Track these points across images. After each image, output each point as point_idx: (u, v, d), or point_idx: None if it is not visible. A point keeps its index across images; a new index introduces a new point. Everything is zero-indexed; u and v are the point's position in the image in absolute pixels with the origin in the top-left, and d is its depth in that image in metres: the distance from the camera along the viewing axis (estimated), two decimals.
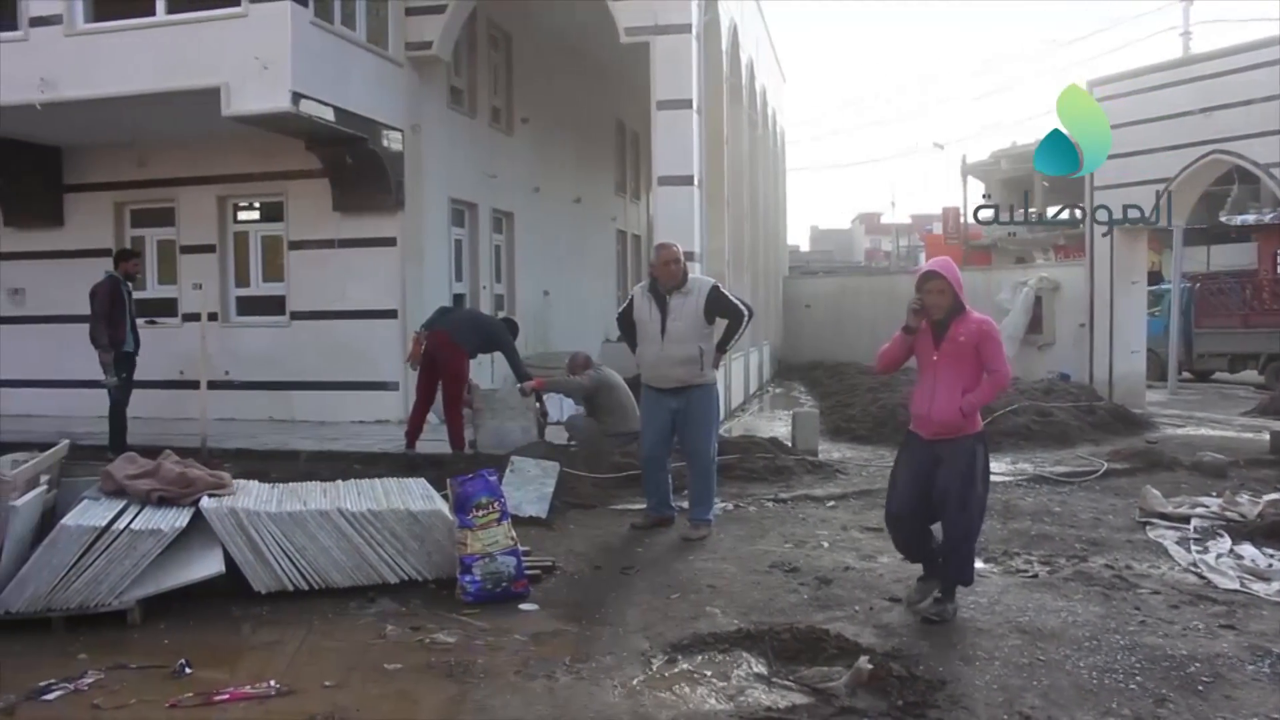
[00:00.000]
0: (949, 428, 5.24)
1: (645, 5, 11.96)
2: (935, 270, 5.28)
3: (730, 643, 4.94)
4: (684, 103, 12.01)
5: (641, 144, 23.62)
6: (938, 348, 5.28)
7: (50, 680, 4.53)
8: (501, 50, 16.40)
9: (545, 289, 17.82)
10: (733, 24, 15.55)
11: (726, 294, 7.52)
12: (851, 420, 13.12)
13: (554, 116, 18.33)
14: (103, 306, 10.42)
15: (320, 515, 5.85)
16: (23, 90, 11.36)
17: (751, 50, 18.40)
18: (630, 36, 12.08)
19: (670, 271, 7.37)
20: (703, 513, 7.43)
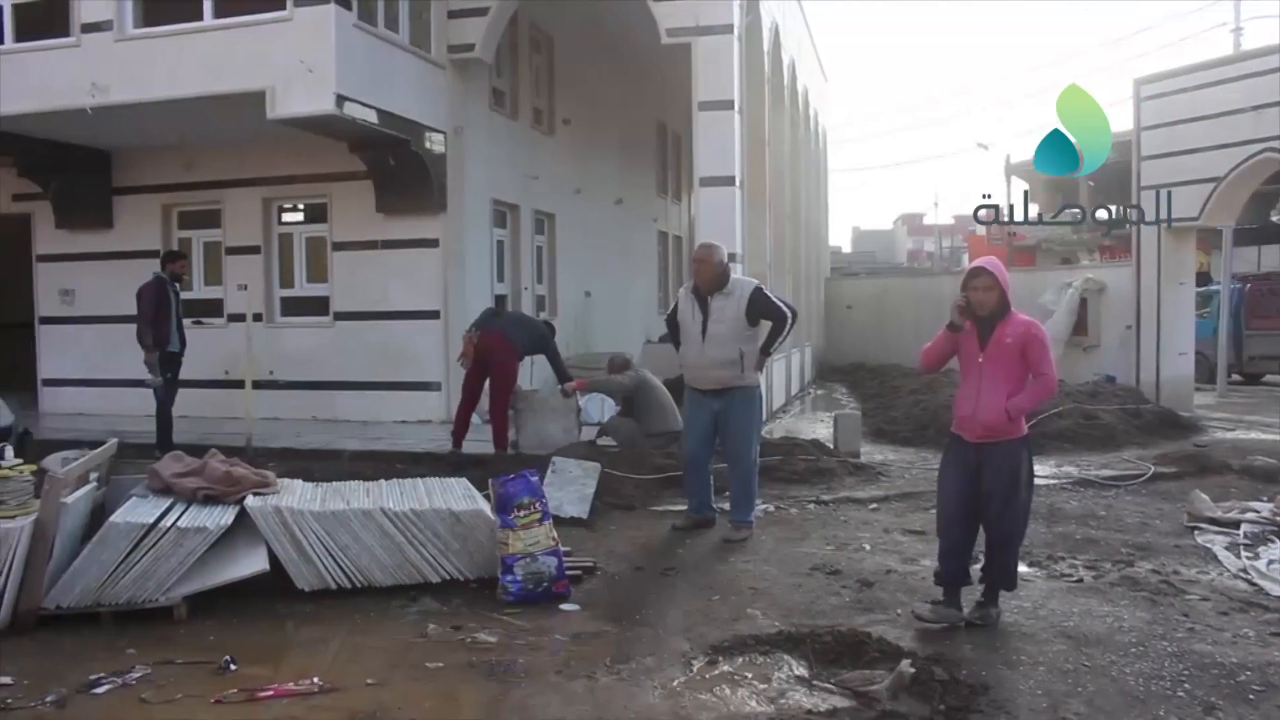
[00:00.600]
0: (994, 431, 5.16)
1: (687, 6, 11.95)
2: (983, 267, 5.21)
3: (771, 645, 4.92)
4: (725, 104, 11.98)
5: (683, 145, 23.64)
6: (983, 349, 5.19)
7: (100, 674, 4.61)
8: (543, 52, 16.44)
9: (586, 290, 17.84)
10: (774, 24, 15.50)
11: (769, 296, 7.45)
12: (894, 422, 13.04)
13: (595, 118, 18.37)
14: (149, 307, 10.50)
15: (363, 514, 5.89)
16: (74, 95, 11.55)
17: (793, 51, 18.33)
18: (672, 37, 12.07)
19: (704, 272, 7.35)
20: (743, 515, 7.40)
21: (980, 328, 5.21)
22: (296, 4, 10.90)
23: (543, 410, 10.21)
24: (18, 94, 11.86)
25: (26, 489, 5.59)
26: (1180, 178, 15.06)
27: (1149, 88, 15.99)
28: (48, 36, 12.06)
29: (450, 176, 13.00)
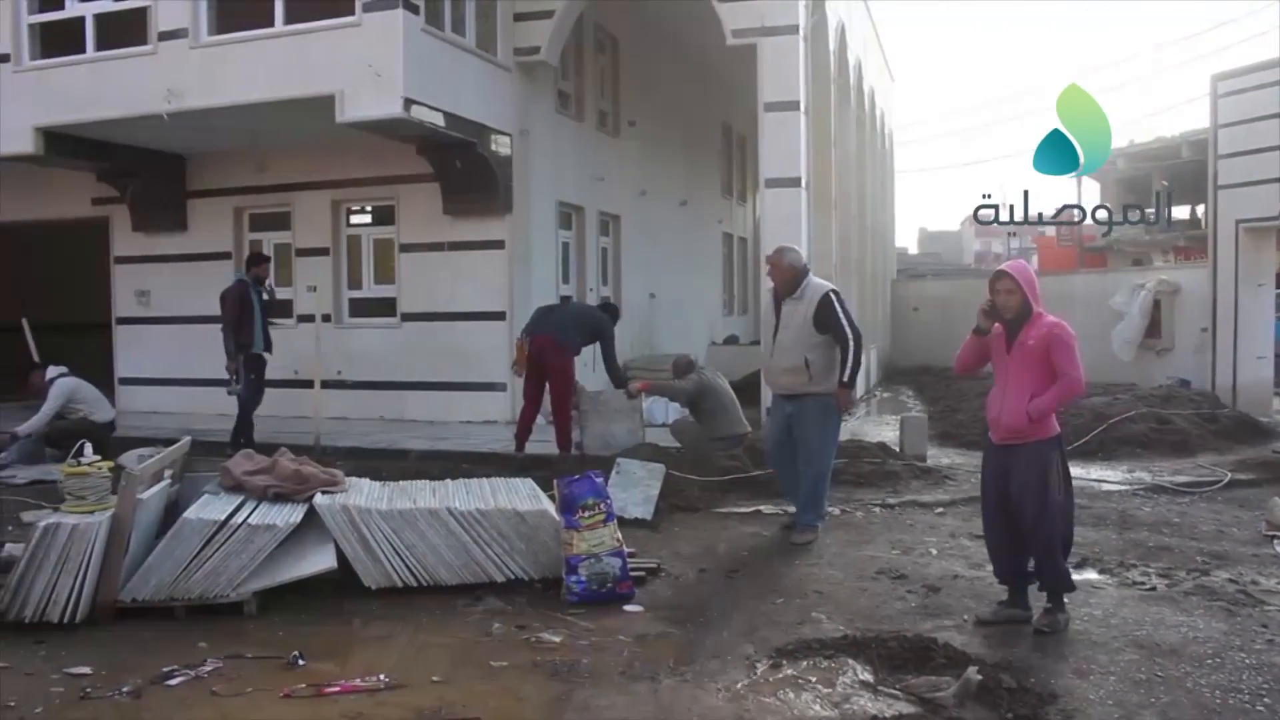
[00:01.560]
0: (1017, 432, 5.18)
1: (752, 7, 11.91)
2: (1005, 270, 5.26)
3: (836, 649, 4.88)
4: (791, 104, 11.92)
5: (748, 146, 23.58)
6: (1009, 351, 5.24)
7: (173, 666, 4.70)
8: (608, 54, 16.49)
9: (651, 291, 17.85)
10: (840, 24, 15.40)
11: (836, 307, 7.18)
12: (960, 426, 12.86)
13: (660, 119, 18.37)
14: (231, 311, 10.60)
15: (429, 514, 5.94)
16: (151, 101, 11.82)
17: (859, 50, 18.20)
18: (737, 38, 12.03)
19: (775, 276, 7.36)
20: (808, 519, 7.36)
21: (1007, 330, 5.26)
22: (365, 9, 11.04)
23: (607, 411, 10.22)
24: (98, 101, 12.18)
25: (105, 485, 5.72)
26: (1259, 176, 14.70)
27: (1226, 84, 15.62)
28: (126, 45, 12.35)
29: (516, 178, 13.08)
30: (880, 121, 23.45)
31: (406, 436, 11.19)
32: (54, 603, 5.27)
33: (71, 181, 14.60)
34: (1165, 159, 32.77)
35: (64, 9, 12.70)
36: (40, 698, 4.42)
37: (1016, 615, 5.29)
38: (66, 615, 5.27)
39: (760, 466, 9.07)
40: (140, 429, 11.98)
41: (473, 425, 12.51)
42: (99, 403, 11.15)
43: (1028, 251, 47.81)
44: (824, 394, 7.24)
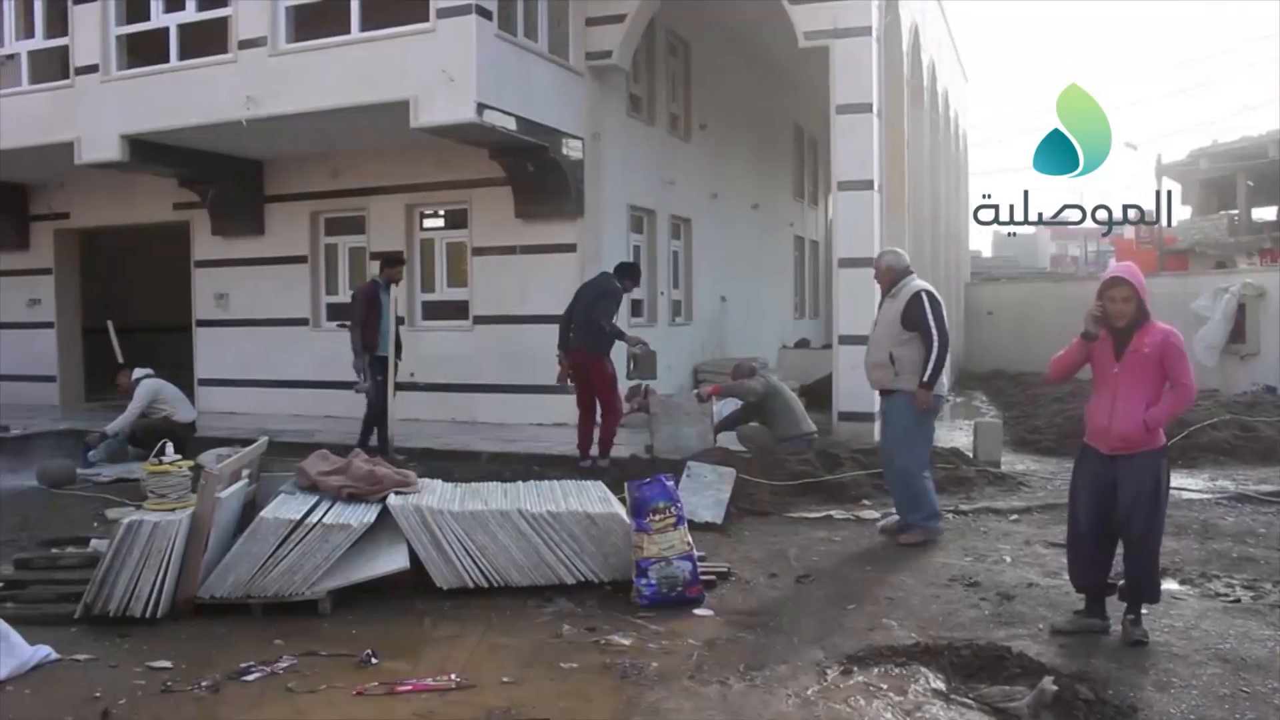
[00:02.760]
0: (1130, 442, 4.99)
1: (824, 8, 11.81)
2: (1121, 276, 5.02)
3: (907, 656, 4.81)
4: (864, 106, 11.80)
5: (820, 148, 23.41)
6: (1119, 359, 5.03)
7: (250, 662, 4.79)
8: (680, 57, 16.48)
9: (722, 295, 17.82)
10: (914, 25, 15.23)
11: (924, 306, 7.26)
12: (1036, 431, 12.63)
13: (731, 122, 18.33)
14: (360, 312, 10.62)
15: (501, 515, 5.98)
16: (231, 109, 12.07)
17: (933, 51, 17.99)
18: (809, 40, 11.95)
19: (876, 276, 7.68)
20: (911, 518, 7.37)
21: (1116, 337, 5.05)
22: (439, 15, 11.15)
23: (677, 415, 10.22)
24: (181, 109, 12.48)
25: (185, 484, 5.84)
26: None
27: None
28: (208, 54, 12.63)
29: (588, 182, 13.13)
30: (954, 123, 23.16)
31: (477, 438, 11.27)
32: (136, 598, 5.40)
33: (154, 187, 14.96)
34: (1251, 158, 32.00)
35: (149, 20, 13.02)
36: (124, 690, 4.53)
37: (1095, 625, 5.17)
38: (148, 610, 5.39)
39: (831, 471, 9.02)
40: (218, 429, 12.21)
41: (543, 428, 12.57)
42: (181, 403, 11.41)
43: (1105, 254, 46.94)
44: (910, 391, 7.27)
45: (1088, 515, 5.18)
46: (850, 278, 11.75)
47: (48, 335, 16.97)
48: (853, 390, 11.47)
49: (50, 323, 16.98)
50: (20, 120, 13.76)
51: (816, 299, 24.90)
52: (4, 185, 16.50)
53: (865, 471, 9.07)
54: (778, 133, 22.11)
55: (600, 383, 9.80)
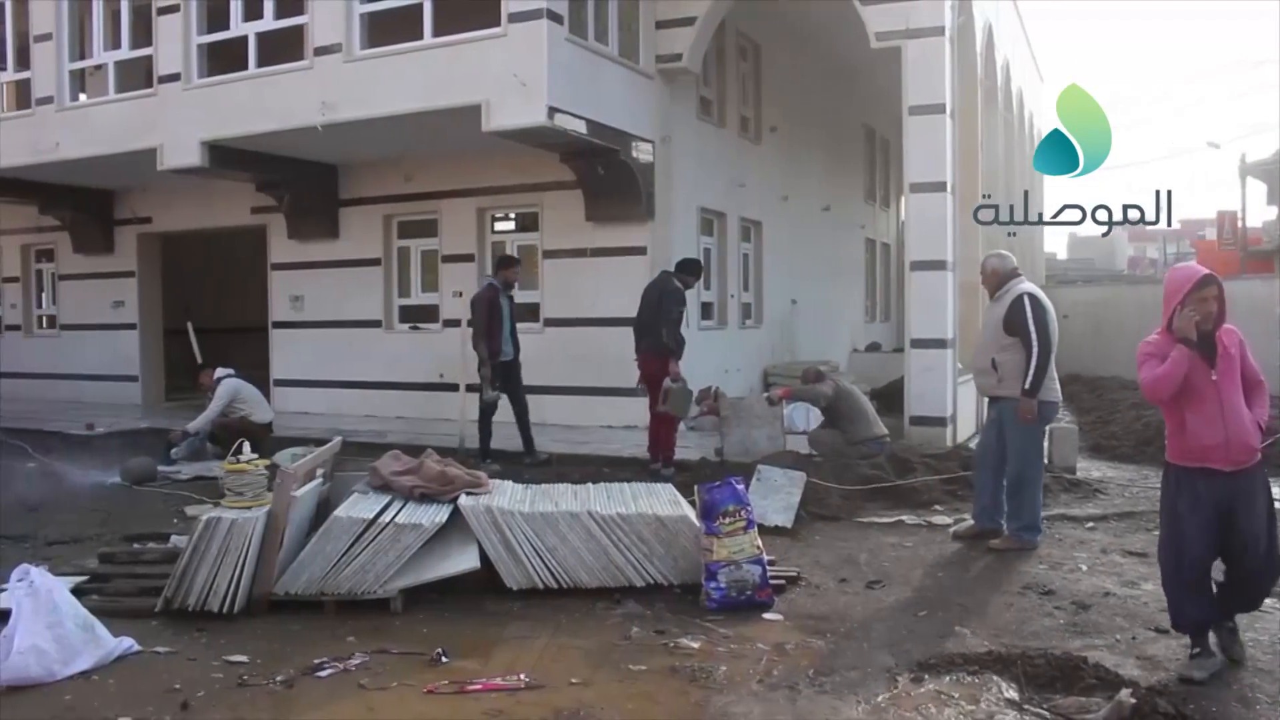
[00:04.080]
0: (1250, 453, 4.59)
1: (897, 9, 11.69)
2: (1213, 275, 4.67)
3: (980, 665, 4.74)
4: (937, 107, 11.65)
5: (892, 150, 23.20)
6: (1213, 365, 4.63)
7: (323, 659, 4.86)
8: (750, 60, 16.43)
9: (793, 298, 17.72)
10: (987, 24, 15.02)
11: (1025, 310, 7.08)
12: (1113, 437, 12.40)
13: (802, 124, 18.22)
14: (482, 318, 10.34)
15: (571, 517, 6.00)
16: (307, 114, 12.26)
17: (1007, 50, 17.72)
18: (881, 41, 11.83)
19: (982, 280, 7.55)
20: (1012, 526, 7.22)
21: (1202, 342, 4.64)
22: (511, 19, 11.23)
23: (748, 418, 10.18)
24: (258, 115, 12.72)
25: (261, 482, 5.95)
26: None
27: None
28: (285, 61, 12.86)
29: (658, 185, 13.12)
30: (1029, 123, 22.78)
31: (547, 440, 11.30)
32: (214, 593, 5.51)
33: (233, 192, 15.27)
34: None
35: (229, 29, 13.30)
36: (202, 682, 4.63)
37: (1220, 663, 4.69)
38: (225, 605, 5.49)
39: (902, 475, 8.93)
40: (293, 429, 12.40)
41: (613, 430, 12.59)
42: (259, 403, 11.62)
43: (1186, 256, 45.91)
44: (1019, 397, 7.10)
45: (1206, 545, 4.67)
46: (922, 281, 11.63)
47: (130, 336, 17.41)
48: (924, 394, 11.36)
49: (133, 324, 17.42)
50: (106, 128, 14.18)
51: (888, 302, 24.66)
52: (90, 191, 16.99)
53: (937, 476, 8.97)
54: (849, 134, 21.94)
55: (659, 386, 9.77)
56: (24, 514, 8.51)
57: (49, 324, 18.99)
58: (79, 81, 15.36)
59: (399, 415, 13.96)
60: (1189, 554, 4.70)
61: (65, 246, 17.99)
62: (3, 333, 19.29)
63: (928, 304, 11.57)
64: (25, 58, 15.36)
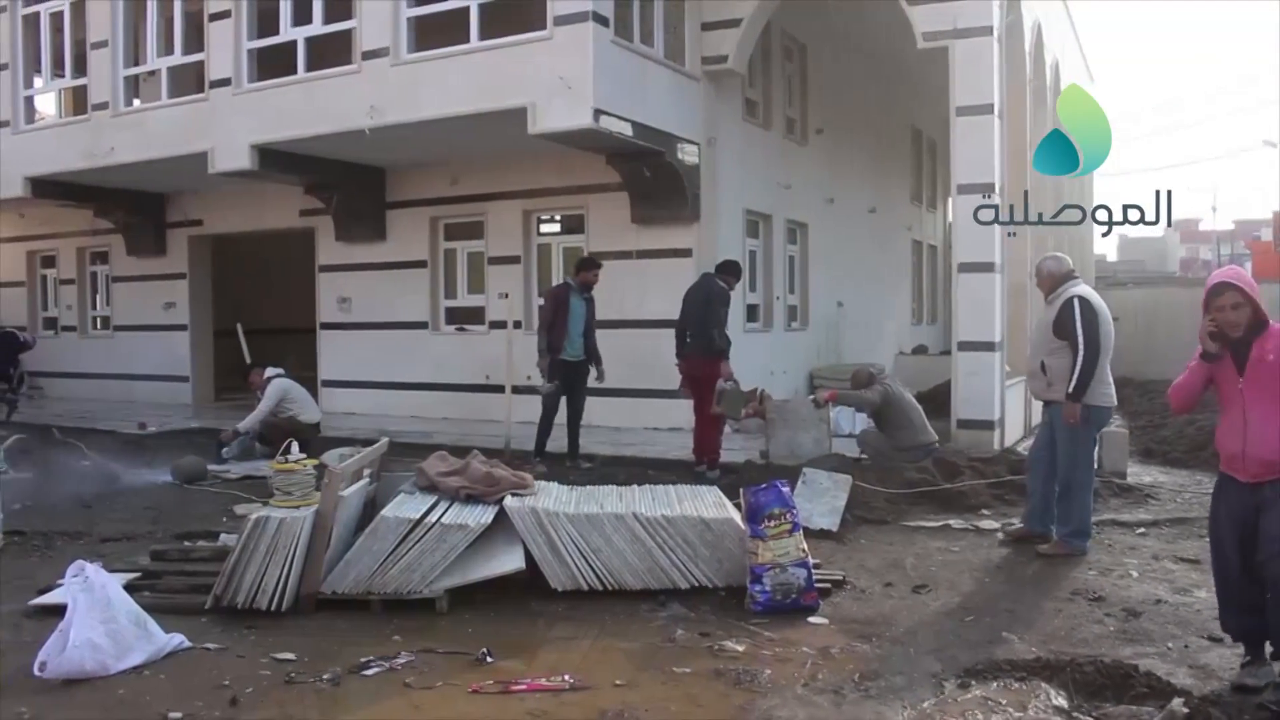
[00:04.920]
0: (1271, 466, 4.42)
1: (944, 9, 11.58)
2: (1226, 282, 4.49)
3: (1028, 671, 4.67)
4: (985, 108, 11.53)
5: (939, 151, 23.01)
6: (1241, 373, 4.50)
7: (370, 657, 4.89)
8: (796, 61, 16.37)
9: (839, 300, 17.63)
10: (1036, 23, 14.85)
11: (1074, 313, 7.00)
12: (1164, 442, 12.19)
13: (848, 125, 18.12)
14: (548, 313, 10.52)
15: (615, 518, 6.00)
16: (355, 118, 12.40)
17: (1056, 50, 17.52)
18: (928, 41, 11.72)
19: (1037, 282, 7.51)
20: (1061, 531, 7.14)
21: (1234, 349, 4.51)
22: (557, 23, 11.28)
23: (794, 421, 10.13)
24: (307, 118, 12.87)
25: (309, 482, 6.00)
26: None
27: None
28: (333, 65, 13.00)
29: (704, 187, 13.11)
30: None
31: (592, 441, 11.31)
32: (262, 591, 5.56)
33: (282, 195, 15.46)
34: None
35: (279, 34, 13.46)
36: (251, 679, 4.68)
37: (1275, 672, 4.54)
38: (273, 603, 5.55)
39: (949, 479, 8.85)
40: (340, 429, 12.52)
41: (658, 431, 12.59)
42: (308, 403, 11.74)
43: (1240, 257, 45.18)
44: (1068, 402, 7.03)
45: (1235, 553, 4.60)
46: (970, 283, 11.51)
47: (182, 337, 17.69)
48: (972, 397, 11.25)
49: (184, 325, 17.69)
50: (159, 132, 14.42)
51: (935, 304, 24.48)
52: (143, 194, 17.28)
53: (984, 480, 8.89)
54: (895, 135, 21.80)
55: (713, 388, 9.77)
56: (79, 511, 8.68)
57: (103, 325, 19.33)
58: (133, 87, 15.66)
59: (445, 416, 14.05)
60: (1219, 559, 4.71)
61: (119, 249, 18.31)
62: (59, 333, 19.66)
63: (975, 306, 11.46)
64: (82, 64, 15.65)
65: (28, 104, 16.67)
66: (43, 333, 19.37)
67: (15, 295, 20.08)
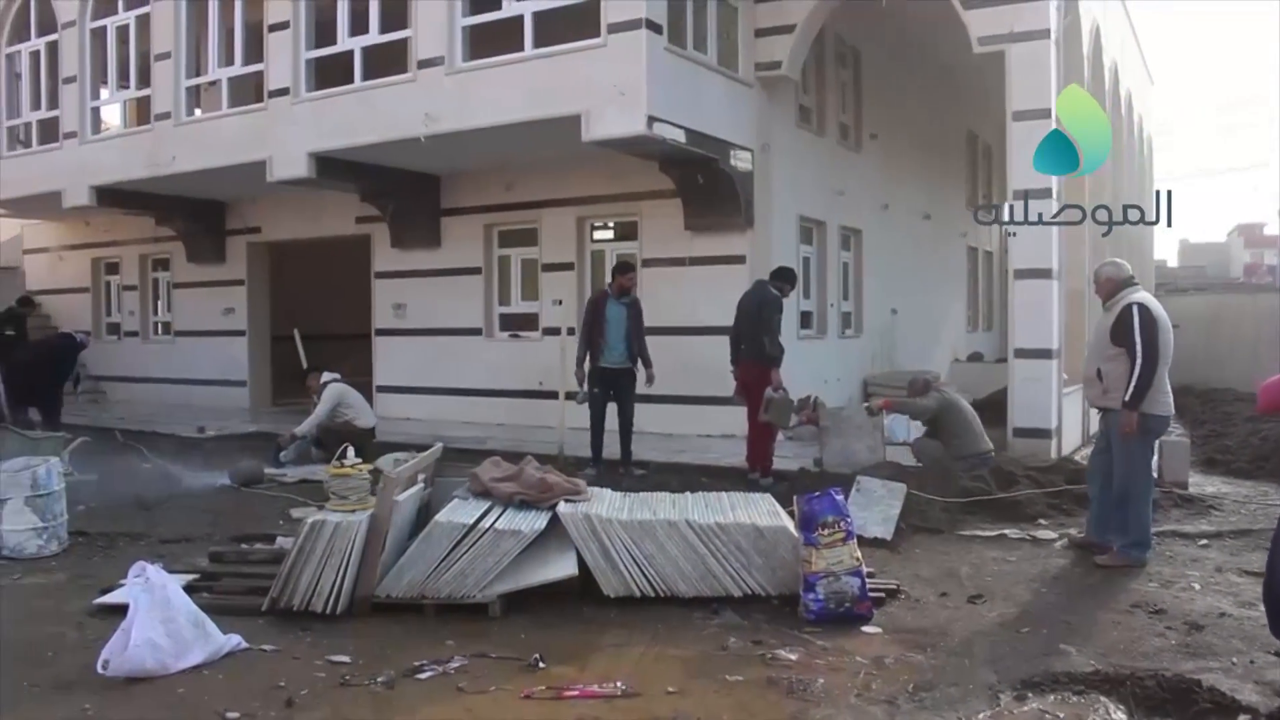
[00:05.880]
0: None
1: (1000, 12, 11.45)
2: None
3: (1086, 684, 4.60)
4: (1042, 112, 11.36)
5: (995, 156, 22.76)
6: None
7: (423, 661, 4.93)
8: (850, 66, 16.28)
9: (893, 307, 17.49)
10: (1094, 26, 14.65)
11: (1133, 320, 6.88)
12: (1227, 452, 11.96)
13: (903, 131, 17.99)
14: (583, 320, 10.66)
15: (669, 525, 5.99)
16: (410, 126, 12.50)
17: (1115, 53, 17.27)
18: (984, 45, 11.60)
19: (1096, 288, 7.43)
20: (1119, 542, 7.03)
21: None
22: (610, 30, 11.31)
23: (848, 428, 10.06)
24: (364, 127, 13.03)
25: (365, 487, 6.06)
26: None
27: None
28: (389, 74, 13.14)
29: (757, 193, 13.07)
30: (1137, 126, 22.18)
31: (646, 448, 11.32)
32: (318, 594, 5.63)
33: (338, 202, 15.63)
34: None
35: (336, 44, 13.62)
36: (306, 680, 4.74)
37: None
38: (328, 606, 5.62)
39: (1005, 488, 8.75)
40: (395, 434, 12.60)
41: (711, 439, 12.55)
42: (363, 409, 11.86)
43: None
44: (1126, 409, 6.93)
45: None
46: (1027, 289, 11.37)
47: (240, 342, 17.94)
48: (1029, 405, 11.12)
49: (242, 331, 17.95)
50: (219, 141, 14.66)
51: (991, 311, 24.21)
52: (203, 202, 17.57)
53: (1041, 490, 8.77)
54: (950, 141, 21.60)
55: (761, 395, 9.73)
56: (140, 513, 8.84)
57: (164, 330, 19.65)
58: (195, 97, 15.92)
59: (499, 422, 14.11)
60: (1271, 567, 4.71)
61: (179, 256, 18.62)
62: (121, 338, 20.03)
63: (1032, 313, 11.32)
64: (146, 76, 15.96)
65: (94, 115, 17.03)
66: (106, 337, 19.75)
67: (81, 301, 20.48)
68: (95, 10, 16.59)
